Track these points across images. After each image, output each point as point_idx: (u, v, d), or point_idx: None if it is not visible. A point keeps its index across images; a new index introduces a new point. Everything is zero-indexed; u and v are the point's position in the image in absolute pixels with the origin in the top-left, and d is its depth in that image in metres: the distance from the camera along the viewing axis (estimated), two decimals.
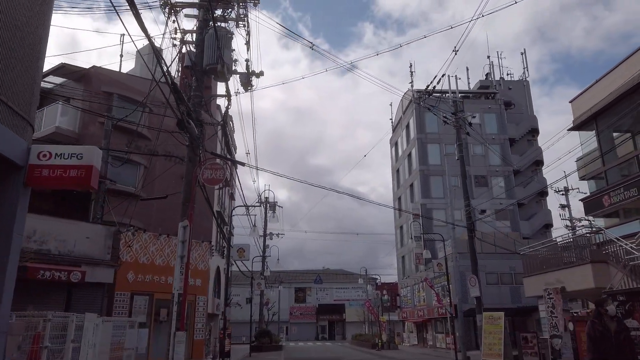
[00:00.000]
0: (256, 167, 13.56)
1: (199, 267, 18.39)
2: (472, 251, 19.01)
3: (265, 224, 36.22)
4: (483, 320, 18.25)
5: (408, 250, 42.56)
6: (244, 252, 16.56)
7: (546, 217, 41.12)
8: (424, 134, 40.60)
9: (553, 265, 16.41)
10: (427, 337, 37.22)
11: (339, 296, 59.75)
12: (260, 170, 48.44)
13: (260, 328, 35.44)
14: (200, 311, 18.12)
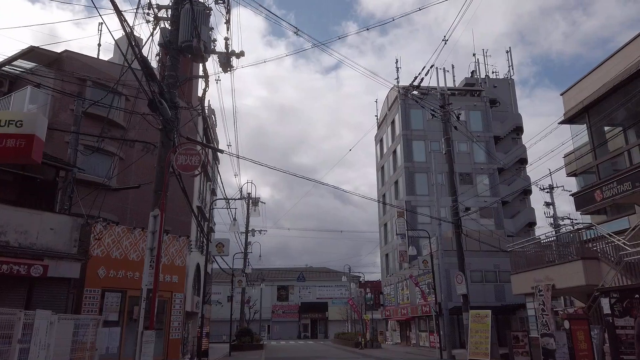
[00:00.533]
0: (237, 156, 12.80)
1: (176, 263, 17.55)
2: (459, 248, 18.54)
3: (248, 219, 35.42)
4: (470, 318, 17.81)
5: (392, 248, 42.15)
6: (223, 247, 15.78)
7: (530, 215, 41.10)
8: (409, 130, 40.19)
9: (542, 262, 16.01)
10: (411, 335, 36.83)
11: (322, 294, 59.18)
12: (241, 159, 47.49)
13: (241, 327, 34.62)
14: (176, 309, 17.28)
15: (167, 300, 17.10)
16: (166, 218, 22.57)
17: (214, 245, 15.99)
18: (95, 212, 18.21)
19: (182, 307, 17.57)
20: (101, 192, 19.12)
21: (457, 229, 18.69)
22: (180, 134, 10.27)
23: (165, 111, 8.85)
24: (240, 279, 28.20)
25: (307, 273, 58.83)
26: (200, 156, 9.38)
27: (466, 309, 18.06)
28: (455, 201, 19.09)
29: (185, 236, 17.84)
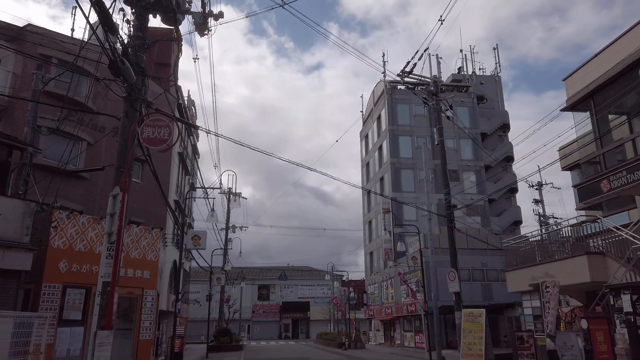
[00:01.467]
0: (216, 134, 11.66)
1: (148, 257, 16.14)
2: (452, 243, 17.54)
3: (228, 214, 34.01)
4: (462, 317, 16.81)
5: (376, 246, 41.16)
6: (199, 240, 14.47)
7: (516, 214, 40.56)
8: (395, 125, 39.25)
9: (540, 258, 15.06)
10: (395, 335, 35.87)
11: (304, 294, 57.95)
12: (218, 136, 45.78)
13: (220, 327, 33.19)
14: (148, 307, 15.87)
15: (137, 297, 15.68)
16: (140, 210, 21.00)
17: (190, 238, 14.65)
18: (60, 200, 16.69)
19: (154, 305, 16.17)
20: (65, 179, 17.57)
21: (449, 223, 17.68)
22: (149, 105, 8.95)
23: (128, 73, 7.55)
24: (219, 277, 26.80)
25: (289, 272, 57.52)
26: (171, 128, 8.10)
27: (459, 308, 17.06)
28: (448, 194, 18.08)
29: (158, 228, 16.44)
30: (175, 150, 30.40)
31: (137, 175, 20.48)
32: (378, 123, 42.67)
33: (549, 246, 14.89)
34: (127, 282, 15.49)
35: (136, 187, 20.03)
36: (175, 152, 30.36)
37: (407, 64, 17.85)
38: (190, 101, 37.53)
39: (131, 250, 15.73)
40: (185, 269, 36.97)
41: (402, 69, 18.12)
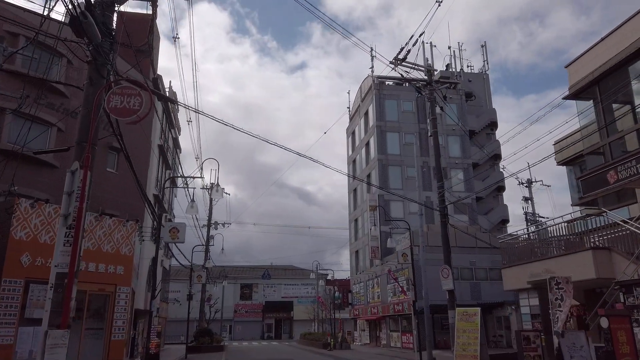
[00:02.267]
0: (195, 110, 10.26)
1: (122, 251, 14.98)
2: (445, 239, 16.73)
3: (210, 209, 32.84)
4: (456, 316, 16.01)
5: (363, 244, 40.35)
6: (177, 233, 13.37)
7: (503, 212, 40.13)
8: (383, 121, 38.47)
9: (540, 254, 14.31)
10: (381, 335, 35.08)
11: (288, 293, 56.87)
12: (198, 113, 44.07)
13: (201, 326, 31.97)
14: (121, 305, 14.72)
15: (109, 294, 14.53)
16: (115, 202, 19.67)
17: (167, 231, 13.55)
18: (27, 189, 15.41)
19: (128, 303, 15.01)
20: (32, 167, 16.28)
21: (443, 218, 16.86)
22: (118, 72, 7.88)
23: (92, 31, 6.47)
24: (199, 274, 25.64)
25: (272, 271, 56.38)
26: (142, 98, 7.04)
27: (452, 307, 16.26)
28: (442, 187, 17.28)
29: (133, 220, 15.28)
30: (154, 142, 29.14)
31: (113, 165, 19.25)
32: (365, 119, 41.87)
33: (549, 242, 14.14)
34: (98, 277, 14.34)
35: (111, 178, 18.81)
36: (155, 144, 29.09)
37: (400, 50, 16.96)
38: (172, 93, 36.23)
39: (103, 244, 14.56)
40: (165, 267, 35.64)
41: (396, 55, 17.22)
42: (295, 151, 12.76)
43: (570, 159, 18.68)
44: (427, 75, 18.25)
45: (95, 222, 14.40)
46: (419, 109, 39.35)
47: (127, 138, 20.11)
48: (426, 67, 18.36)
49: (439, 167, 17.60)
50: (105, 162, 18.31)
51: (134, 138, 20.17)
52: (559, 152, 19.18)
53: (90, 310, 14.66)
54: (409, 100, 39.47)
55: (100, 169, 18.43)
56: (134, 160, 20.27)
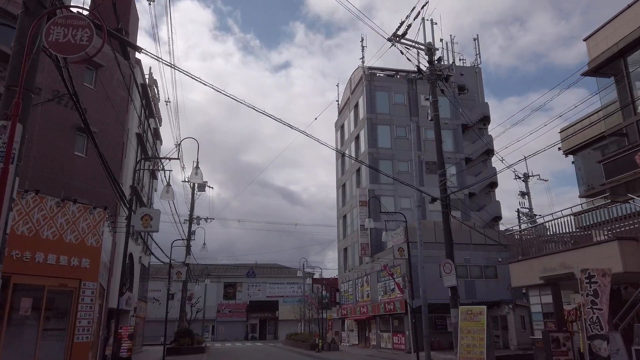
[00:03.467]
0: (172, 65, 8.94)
1: (88, 241, 13.27)
2: (447, 231, 15.36)
3: (192, 201, 31.12)
4: (459, 315, 14.65)
5: (352, 241, 38.92)
6: (150, 220, 11.73)
7: (496, 209, 39.03)
8: (374, 114, 37.09)
9: (555, 246, 12.97)
10: (370, 336, 33.67)
11: (273, 292, 55.18)
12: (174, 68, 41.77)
13: (181, 327, 30.18)
14: (86, 303, 13.01)
15: (73, 290, 12.82)
16: (84, 189, 17.82)
17: (139, 218, 11.90)
18: None
19: (95, 300, 13.31)
20: None
21: (445, 208, 15.49)
22: (63, 4, 6.25)
23: None
24: (179, 271, 23.91)
25: (257, 269, 54.70)
26: (92, 31, 5.42)
27: (455, 305, 14.90)
28: (443, 175, 15.92)
29: (101, 207, 13.58)
30: (132, 131, 27.35)
31: (82, 149, 17.46)
32: (355, 112, 40.46)
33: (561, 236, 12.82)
34: (59, 271, 12.60)
35: (79, 163, 17.03)
36: (132, 133, 27.30)
37: (400, 25, 15.52)
38: (152, 80, 34.34)
39: (66, 233, 12.84)
40: (143, 264, 33.76)
41: (395, 31, 15.78)
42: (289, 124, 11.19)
43: (579, 147, 17.41)
44: (427, 54, 16.87)
45: (56, 208, 12.68)
46: (411, 101, 38.07)
47: (100, 123, 18.35)
48: (427, 45, 16.97)
49: (440, 154, 16.23)
50: (73, 144, 16.53)
51: (107, 123, 18.42)
52: (565, 139, 17.93)
53: (51, 309, 12.96)
54: (401, 92, 38.16)
55: (68, 152, 16.68)
56: (107, 147, 18.48)
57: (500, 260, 29.88)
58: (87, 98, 17.53)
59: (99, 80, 18.30)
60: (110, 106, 18.23)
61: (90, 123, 17.98)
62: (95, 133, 17.86)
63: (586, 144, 17.05)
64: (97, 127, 17.58)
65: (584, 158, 17.74)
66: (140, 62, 28.68)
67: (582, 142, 17.12)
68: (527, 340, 26.31)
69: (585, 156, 17.67)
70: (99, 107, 17.89)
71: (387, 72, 39.67)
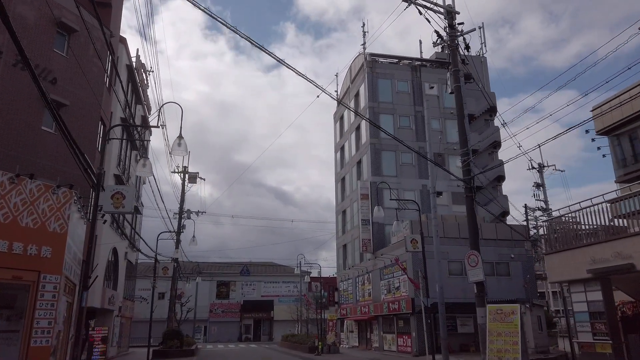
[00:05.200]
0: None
1: (49, 226, 11.11)
2: (472, 218, 13.33)
3: (182, 195, 29.00)
4: (488, 315, 12.62)
5: (351, 237, 36.85)
6: (122, 200, 9.59)
7: (503, 203, 37.06)
8: (376, 102, 35.04)
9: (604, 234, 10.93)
10: (372, 337, 31.59)
11: (268, 291, 52.98)
12: None
13: (169, 327, 27.97)
14: (47, 299, 10.85)
15: (29, 284, 10.65)
16: (55, 170, 15.49)
17: (109, 196, 9.75)
18: None
19: (58, 296, 11.13)
20: None
21: (469, 192, 13.45)
22: None
23: None
24: (165, 266, 21.72)
25: (251, 268, 52.54)
26: None
27: (482, 303, 12.87)
28: (467, 154, 13.88)
29: (67, 186, 11.41)
30: (117, 115, 25.18)
31: (51, 124, 15.25)
32: (356, 101, 38.39)
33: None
34: (11, 261, 10.38)
35: (48, 140, 14.82)
36: (117, 117, 25.12)
37: None
38: (140, 64, 32.11)
39: (22, 215, 10.66)
40: (130, 261, 31.55)
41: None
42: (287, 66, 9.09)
43: (616, 125, 15.38)
44: (447, 18, 14.83)
45: (9, 184, 10.52)
46: (415, 89, 36.06)
47: (72, 96, 16.14)
48: (446, 7, 14.93)
49: (462, 130, 14.21)
50: (40, 118, 14.34)
51: (83, 97, 16.23)
52: (600, 116, 15.93)
53: (1, 307, 10.82)
54: (405, 80, 36.13)
55: (34, 127, 14.47)
56: (81, 123, 16.29)
57: (513, 256, 27.94)
58: (58, 66, 15.38)
59: (75, 48, 16.10)
60: (87, 79, 16.04)
61: (61, 94, 15.84)
62: (66, 106, 15.74)
63: (625, 122, 15.02)
64: (68, 99, 15.42)
65: (622, 138, 15.73)
66: (125, 41, 26.50)
67: (621, 119, 15.10)
68: (544, 342, 24.34)
69: (623, 136, 15.67)
70: (72, 78, 15.71)
71: (390, 58, 37.61)
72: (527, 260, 28.13)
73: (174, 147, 10.35)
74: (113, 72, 20.98)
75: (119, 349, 29.44)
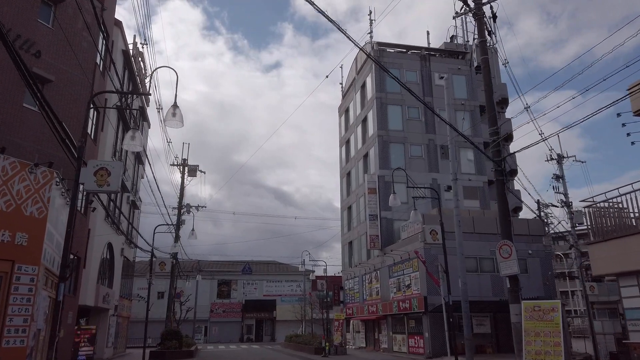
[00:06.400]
0: None
1: (26, 210, 9.71)
2: (503, 202, 11.87)
3: (182, 187, 27.65)
4: (523, 313, 11.17)
5: (357, 234, 35.41)
6: (107, 177, 8.17)
7: (515, 199, 35.60)
8: (384, 92, 33.60)
9: None
10: (381, 338, 30.14)
11: (270, 291, 51.52)
12: None
13: (167, 328, 26.53)
14: (22, 293, 9.46)
15: (1, 276, 9.24)
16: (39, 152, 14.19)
17: (91, 172, 8.33)
18: None
19: (35, 290, 9.72)
20: None
21: (500, 175, 12.00)
22: None
23: None
24: (162, 262, 20.27)
25: (253, 266, 51.10)
26: None
27: (516, 299, 11.45)
28: (497, 133, 12.44)
29: (45, 164, 10.00)
30: (111, 103, 23.81)
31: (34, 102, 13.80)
32: (362, 92, 36.95)
33: None
34: None
35: (31, 118, 13.39)
36: (111, 103, 23.73)
37: None
38: (137, 52, 30.68)
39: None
40: (126, 257, 30.13)
41: None
42: None
43: None
44: None
45: None
46: (424, 80, 34.62)
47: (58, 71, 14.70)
48: None
49: (491, 106, 12.74)
50: (22, 95, 12.91)
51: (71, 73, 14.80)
52: (637, 94, 14.49)
53: None
54: (413, 70, 34.69)
55: (14, 104, 13.05)
56: (68, 101, 14.87)
57: (531, 252, 26.49)
58: (42, 39, 13.97)
59: (62, 20, 14.67)
60: (76, 55, 14.62)
61: (45, 69, 14.41)
62: (50, 82, 14.32)
63: None
64: (53, 74, 14.00)
65: None
66: (121, 24, 25.12)
67: None
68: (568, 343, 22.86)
69: None
70: (59, 52, 14.29)
71: (398, 48, 36.20)
72: (546, 256, 26.68)
73: (168, 116, 8.93)
74: (107, 55, 19.60)
75: (116, 350, 28.03)
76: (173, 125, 9.09)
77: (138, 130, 9.01)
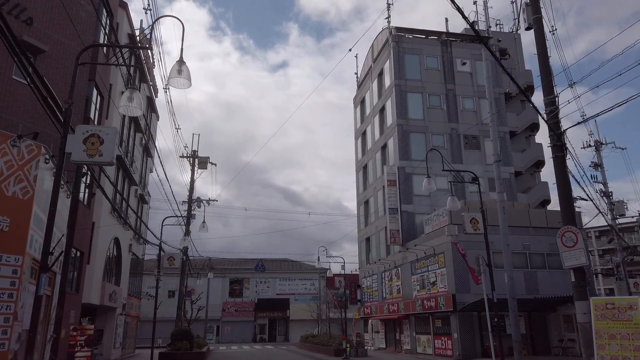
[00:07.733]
0: None
1: (7, 190, 8.23)
2: (565, 183, 10.15)
3: (192, 179, 26.24)
4: (592, 312, 9.46)
5: (375, 229, 33.71)
6: (100, 145, 6.61)
7: (544, 190, 33.75)
8: (403, 80, 31.85)
9: None
10: (402, 338, 28.42)
11: (283, 289, 50.01)
12: None
13: (178, 327, 25.08)
14: (2, 286, 7.98)
15: None
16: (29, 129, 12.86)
17: (80, 140, 6.78)
18: None
19: (19, 285, 8.23)
20: None
21: (559, 151, 10.27)
22: None
23: None
24: (171, 256, 18.81)
25: (265, 264, 49.59)
26: None
27: (583, 295, 9.75)
28: (553, 103, 10.67)
29: (31, 136, 8.50)
30: (116, 89, 22.52)
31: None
32: (379, 81, 35.23)
33: None
34: None
35: (21, 93, 11.92)
36: (117, 91, 22.42)
37: None
38: (145, 39, 29.25)
39: None
40: (135, 254, 28.77)
41: None
42: None
43: None
44: None
45: None
46: (445, 66, 32.82)
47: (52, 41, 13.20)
48: None
49: (547, 71, 10.97)
50: (11, 66, 11.45)
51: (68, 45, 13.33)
52: None
53: None
54: (434, 55, 32.90)
55: (3, 76, 11.58)
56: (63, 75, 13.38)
57: None
58: (35, 5, 12.51)
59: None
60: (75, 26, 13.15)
61: (37, 38, 12.95)
62: (43, 52, 12.88)
63: None
64: (47, 45, 12.53)
65: None
66: (126, 6, 23.73)
67: None
68: None
69: None
70: (53, 21, 12.85)
71: (417, 33, 34.43)
72: None
73: (173, 73, 7.38)
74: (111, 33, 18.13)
75: (124, 351, 26.70)
76: (179, 85, 7.54)
77: (136, 90, 7.45)
